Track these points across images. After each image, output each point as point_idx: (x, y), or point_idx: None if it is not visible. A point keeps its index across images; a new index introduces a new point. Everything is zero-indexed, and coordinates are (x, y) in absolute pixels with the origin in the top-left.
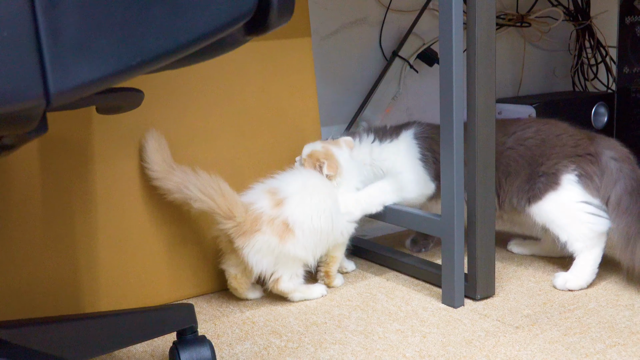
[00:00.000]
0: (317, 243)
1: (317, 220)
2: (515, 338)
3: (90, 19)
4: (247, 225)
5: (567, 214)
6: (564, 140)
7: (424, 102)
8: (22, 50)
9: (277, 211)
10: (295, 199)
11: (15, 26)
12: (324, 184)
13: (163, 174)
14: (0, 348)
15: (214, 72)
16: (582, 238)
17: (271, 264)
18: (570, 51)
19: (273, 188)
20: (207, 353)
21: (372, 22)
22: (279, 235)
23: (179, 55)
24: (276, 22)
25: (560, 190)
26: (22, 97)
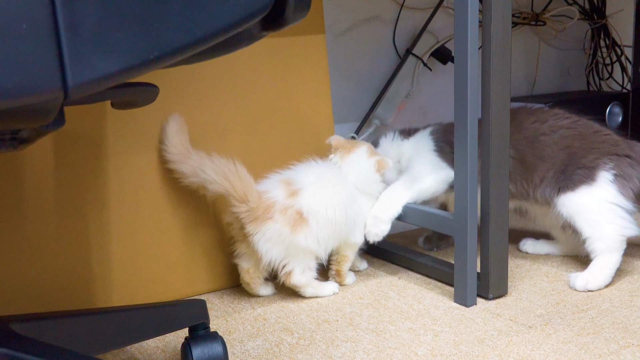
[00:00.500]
0: (330, 235)
1: (332, 211)
2: (528, 338)
3: (109, 13)
4: (259, 212)
5: (597, 211)
6: (602, 137)
7: (438, 100)
8: (41, 43)
9: (291, 201)
10: (311, 190)
11: (35, 19)
12: (340, 178)
13: (179, 157)
14: (15, 341)
15: (227, 68)
16: (606, 239)
17: (281, 254)
18: (585, 50)
19: (289, 179)
20: (218, 349)
21: (386, 19)
22: (291, 226)
23: (196, 50)
24: (293, 17)
25: (595, 186)
26: (40, 89)
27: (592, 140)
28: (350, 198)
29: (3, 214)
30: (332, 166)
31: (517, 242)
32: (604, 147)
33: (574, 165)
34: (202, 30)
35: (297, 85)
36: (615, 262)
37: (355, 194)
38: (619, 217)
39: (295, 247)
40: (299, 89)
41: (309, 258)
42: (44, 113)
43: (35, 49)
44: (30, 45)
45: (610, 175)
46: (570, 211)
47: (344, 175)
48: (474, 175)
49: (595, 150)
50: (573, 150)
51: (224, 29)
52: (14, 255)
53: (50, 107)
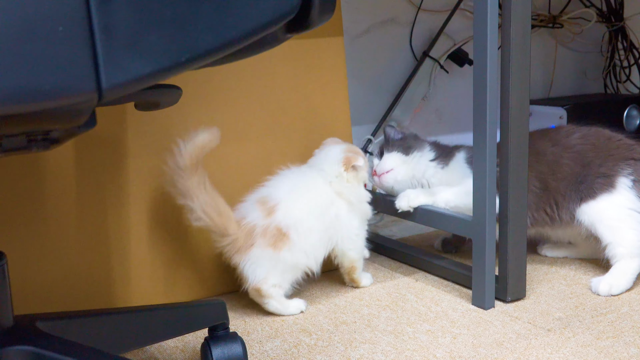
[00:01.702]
0: (315, 243)
1: (309, 219)
2: (547, 341)
3: (142, 15)
4: (240, 241)
5: (618, 217)
6: (616, 143)
7: (454, 103)
8: (76, 45)
9: (269, 220)
10: (286, 203)
11: (71, 22)
12: (313, 183)
13: (186, 170)
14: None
15: (246, 70)
16: (627, 244)
17: (266, 271)
18: (602, 53)
19: (263, 197)
20: (238, 349)
21: (402, 22)
22: (273, 245)
23: (227, 52)
24: (317, 20)
25: (615, 193)
26: (75, 91)
27: (606, 148)
28: (326, 201)
29: (25, 215)
30: (304, 173)
31: (535, 245)
32: (619, 152)
33: (593, 174)
34: (232, 32)
35: (315, 87)
36: (636, 267)
37: (332, 196)
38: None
39: (284, 264)
40: (317, 91)
41: (297, 273)
42: (78, 114)
43: (70, 51)
44: (66, 47)
45: (629, 181)
46: (591, 219)
47: (317, 180)
48: (492, 177)
49: (612, 157)
50: (589, 160)
51: (253, 31)
52: (35, 255)
53: (84, 108)
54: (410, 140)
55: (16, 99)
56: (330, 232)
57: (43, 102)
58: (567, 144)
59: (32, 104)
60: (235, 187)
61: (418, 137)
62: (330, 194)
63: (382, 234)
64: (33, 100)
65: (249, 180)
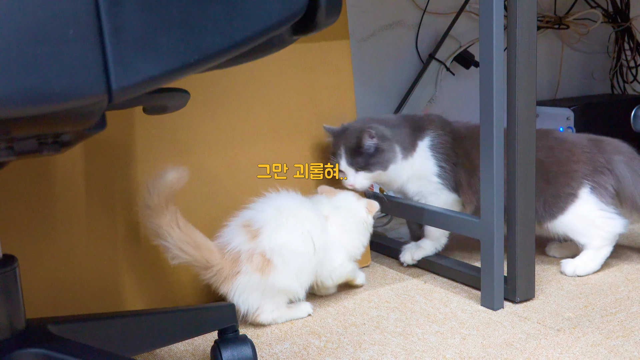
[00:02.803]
0: (301, 269)
1: (295, 243)
2: (556, 341)
3: (151, 17)
4: (226, 270)
5: (587, 222)
6: (577, 156)
7: (460, 105)
8: (86, 47)
9: (253, 244)
10: (271, 226)
11: (81, 24)
12: (303, 207)
13: (156, 209)
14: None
15: (253, 74)
16: (599, 239)
17: (257, 299)
18: (609, 53)
19: (247, 220)
20: (248, 352)
21: (408, 24)
22: (260, 270)
23: (234, 53)
24: (324, 22)
25: (579, 202)
26: (86, 93)
27: (569, 162)
28: (316, 224)
29: (35, 218)
30: (292, 195)
31: (542, 246)
32: (581, 168)
33: (559, 194)
34: (240, 34)
35: (322, 90)
36: (606, 253)
37: (322, 220)
38: (605, 219)
39: (272, 289)
40: (324, 94)
41: (285, 297)
42: (88, 116)
43: (81, 53)
44: (76, 50)
45: (589, 189)
46: (564, 229)
47: (306, 203)
48: (500, 179)
49: (576, 173)
50: (553, 176)
51: (261, 33)
52: (45, 259)
53: (95, 110)
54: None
55: (28, 101)
56: (320, 255)
57: (54, 104)
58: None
59: (43, 106)
60: (242, 191)
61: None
62: (319, 219)
63: (390, 236)
64: (44, 102)
65: (256, 183)
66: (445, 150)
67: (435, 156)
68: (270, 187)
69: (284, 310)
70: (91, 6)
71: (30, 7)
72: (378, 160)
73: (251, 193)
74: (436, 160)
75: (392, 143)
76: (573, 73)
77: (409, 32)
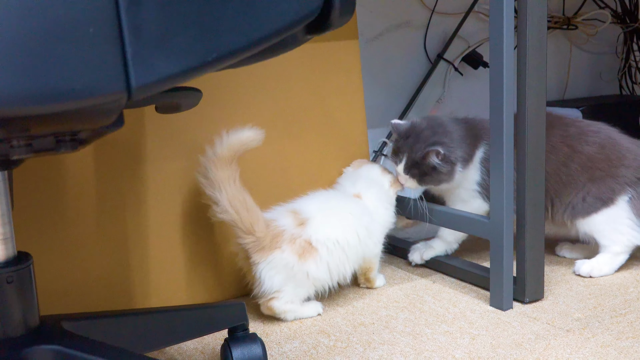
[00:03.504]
0: (342, 261)
1: (342, 237)
2: (566, 341)
3: (170, 16)
4: (266, 241)
5: (615, 227)
6: (629, 160)
7: (469, 105)
8: (106, 45)
9: (300, 230)
10: (318, 219)
11: (101, 23)
12: (344, 200)
13: (221, 161)
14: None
15: (262, 73)
16: (620, 245)
17: (281, 281)
18: (617, 54)
19: (296, 209)
20: (258, 350)
21: (417, 25)
22: (299, 254)
23: (251, 52)
24: (338, 21)
25: (614, 207)
26: (105, 90)
27: (618, 164)
28: (358, 215)
29: (45, 217)
30: (334, 192)
31: (553, 246)
32: (629, 173)
33: (599, 193)
34: (257, 33)
35: (331, 90)
36: (622, 260)
37: (364, 207)
38: (631, 229)
39: (303, 275)
40: (333, 93)
41: (309, 289)
42: (107, 114)
43: (101, 51)
44: (96, 48)
45: (628, 197)
46: (591, 229)
47: (346, 198)
48: (509, 179)
49: (621, 178)
50: (598, 174)
51: (277, 32)
52: (56, 257)
53: (114, 108)
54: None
55: (48, 99)
56: (363, 245)
57: (74, 102)
58: (580, 149)
59: (63, 104)
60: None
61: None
62: (361, 207)
63: (398, 236)
64: (64, 100)
65: (264, 182)
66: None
67: (482, 169)
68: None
69: (297, 306)
70: (111, 5)
71: (51, 6)
72: (434, 178)
73: (258, 191)
74: (481, 173)
75: (454, 166)
76: (581, 73)
77: (417, 32)
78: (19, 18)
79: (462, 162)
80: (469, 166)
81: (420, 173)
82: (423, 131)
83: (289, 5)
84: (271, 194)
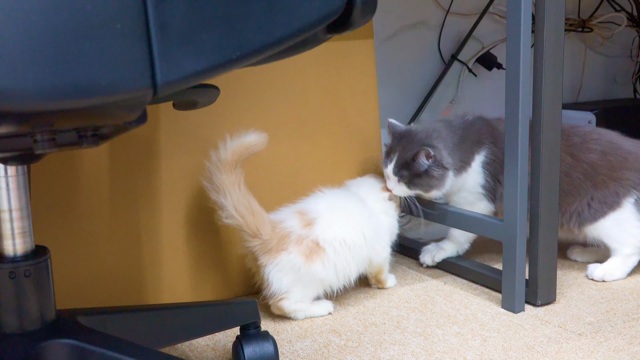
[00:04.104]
0: (349, 262)
1: (348, 236)
2: (578, 345)
3: (196, 13)
4: (273, 243)
5: (623, 230)
6: (630, 163)
7: (482, 106)
8: (133, 41)
9: (307, 231)
10: (326, 219)
11: (128, 19)
12: (351, 200)
13: (226, 165)
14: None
15: (277, 72)
16: (631, 247)
17: (290, 283)
18: (632, 57)
19: (302, 209)
20: (270, 348)
21: (431, 25)
22: (306, 256)
23: (275, 50)
24: (359, 20)
25: (621, 210)
26: (131, 86)
27: (621, 169)
28: (365, 216)
29: (60, 213)
30: (341, 192)
31: (565, 249)
32: (632, 176)
33: (604, 198)
34: (280, 31)
35: (345, 89)
36: (634, 262)
37: (370, 209)
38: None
39: (311, 276)
40: (347, 93)
41: (318, 289)
42: (132, 109)
43: (127, 47)
44: (123, 44)
45: (633, 199)
46: (599, 234)
47: (354, 197)
48: (524, 181)
49: (625, 181)
50: (601, 179)
51: (301, 30)
52: (69, 253)
53: (139, 104)
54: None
55: (75, 94)
56: (369, 245)
57: (100, 97)
58: (582, 158)
59: (90, 99)
60: (264, 189)
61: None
62: (369, 210)
63: (409, 236)
64: (91, 95)
65: (277, 181)
66: (496, 165)
67: (485, 172)
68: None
69: (307, 305)
70: (139, 1)
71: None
72: (423, 182)
73: (271, 190)
74: (485, 176)
75: (447, 171)
76: (595, 76)
77: (432, 32)
78: (46, 13)
79: (456, 169)
80: (468, 171)
81: (410, 175)
82: (418, 134)
83: (312, 5)
84: (284, 193)
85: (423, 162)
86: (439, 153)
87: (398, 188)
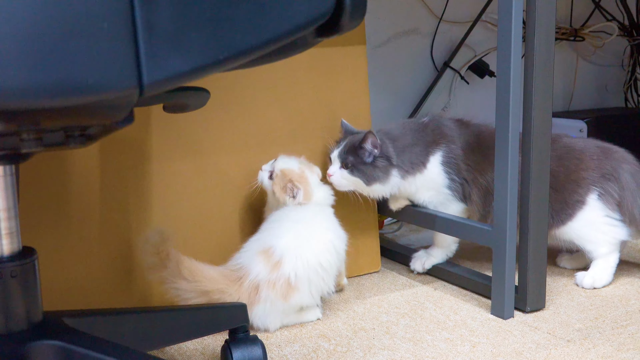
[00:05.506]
0: (326, 281)
1: (323, 259)
2: (566, 351)
3: (183, 14)
4: (244, 298)
5: (592, 228)
6: (585, 163)
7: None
8: (119, 41)
9: (276, 274)
10: (293, 253)
11: (115, 18)
12: (315, 221)
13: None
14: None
15: (269, 77)
16: (606, 245)
17: (277, 319)
18: (623, 67)
19: (266, 248)
20: (258, 352)
21: (424, 32)
22: (283, 296)
23: (262, 52)
24: (348, 24)
25: (586, 208)
26: (118, 86)
27: (578, 170)
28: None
29: (49, 215)
30: (303, 212)
31: (554, 256)
32: (589, 175)
33: (567, 201)
34: (268, 33)
35: (337, 94)
36: (615, 260)
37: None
38: (610, 225)
39: (292, 308)
40: (339, 98)
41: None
42: (118, 109)
43: (114, 47)
44: (109, 43)
45: (596, 195)
46: (570, 237)
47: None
48: (514, 187)
49: (584, 181)
50: (561, 184)
51: (289, 33)
52: (58, 254)
53: (125, 103)
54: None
55: (61, 93)
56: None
57: (87, 96)
58: None
59: (76, 98)
60: (256, 194)
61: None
62: (327, 220)
63: (400, 242)
64: (77, 94)
65: None
66: (457, 163)
67: (447, 170)
68: None
69: (294, 315)
70: (126, 1)
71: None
72: (367, 170)
73: (264, 195)
74: (447, 174)
75: (390, 168)
76: (587, 85)
77: (425, 39)
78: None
79: (404, 169)
80: (423, 172)
81: (353, 161)
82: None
83: (301, 7)
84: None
85: (370, 148)
86: (385, 147)
87: (339, 173)
